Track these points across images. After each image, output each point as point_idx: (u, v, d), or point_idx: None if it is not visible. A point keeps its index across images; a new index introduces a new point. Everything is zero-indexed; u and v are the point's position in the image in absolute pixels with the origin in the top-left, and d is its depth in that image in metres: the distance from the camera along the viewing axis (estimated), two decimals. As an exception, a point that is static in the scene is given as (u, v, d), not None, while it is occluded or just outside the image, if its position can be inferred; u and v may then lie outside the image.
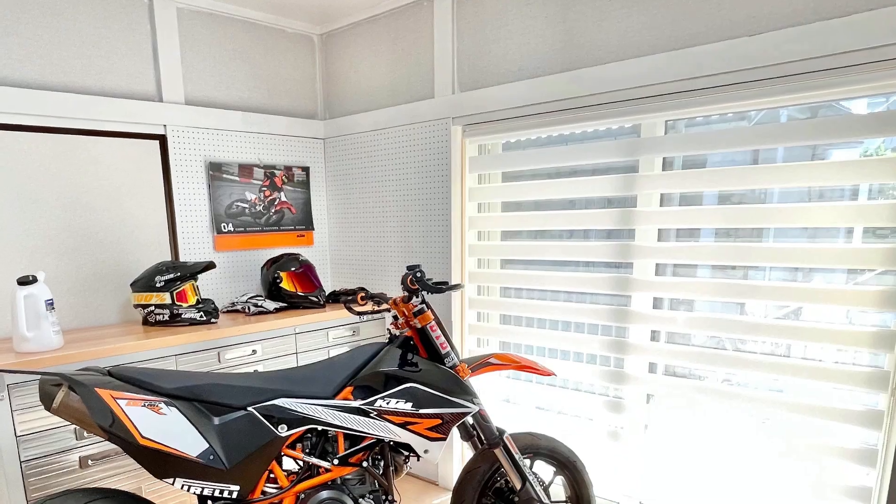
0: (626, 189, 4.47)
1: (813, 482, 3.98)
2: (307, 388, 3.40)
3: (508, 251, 5.21)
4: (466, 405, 3.61)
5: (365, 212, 6.08)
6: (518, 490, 3.90)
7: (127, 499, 3.15)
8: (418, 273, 3.58)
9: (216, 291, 5.67)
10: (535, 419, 5.30)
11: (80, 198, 4.79)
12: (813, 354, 4.01)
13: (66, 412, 3.01)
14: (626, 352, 4.63)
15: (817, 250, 3.78)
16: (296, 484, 3.40)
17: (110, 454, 4.12)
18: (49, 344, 3.99)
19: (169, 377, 3.21)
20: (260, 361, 4.93)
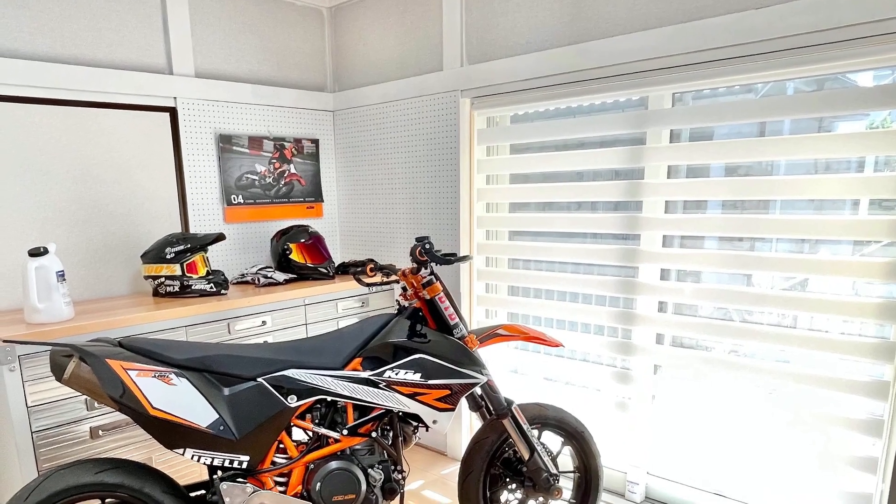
0: (633, 161, 4.44)
1: (819, 452, 3.97)
2: (317, 359, 3.40)
3: (517, 223, 5.18)
4: (475, 376, 3.59)
5: (374, 184, 6.06)
6: (526, 460, 3.89)
7: (137, 469, 3.14)
8: (427, 244, 3.55)
9: (226, 263, 5.66)
10: (542, 390, 5.28)
11: (90, 170, 4.77)
12: (819, 325, 4.00)
13: (77, 383, 3.00)
14: (633, 323, 4.61)
15: (823, 222, 3.76)
16: (305, 454, 3.40)
17: (121, 425, 4.12)
18: (60, 315, 3.99)
19: (179, 348, 3.21)
20: (269, 332, 4.92)
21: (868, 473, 3.82)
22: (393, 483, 3.57)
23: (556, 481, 3.94)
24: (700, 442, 4.49)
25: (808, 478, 4.09)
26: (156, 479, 3.17)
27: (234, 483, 3.24)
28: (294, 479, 3.40)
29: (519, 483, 4.02)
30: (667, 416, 4.62)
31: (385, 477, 3.56)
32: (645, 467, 4.79)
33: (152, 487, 3.13)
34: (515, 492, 4.05)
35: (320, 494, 3.36)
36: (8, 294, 4.46)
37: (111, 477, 3.05)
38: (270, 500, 3.30)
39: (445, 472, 5.45)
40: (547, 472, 3.91)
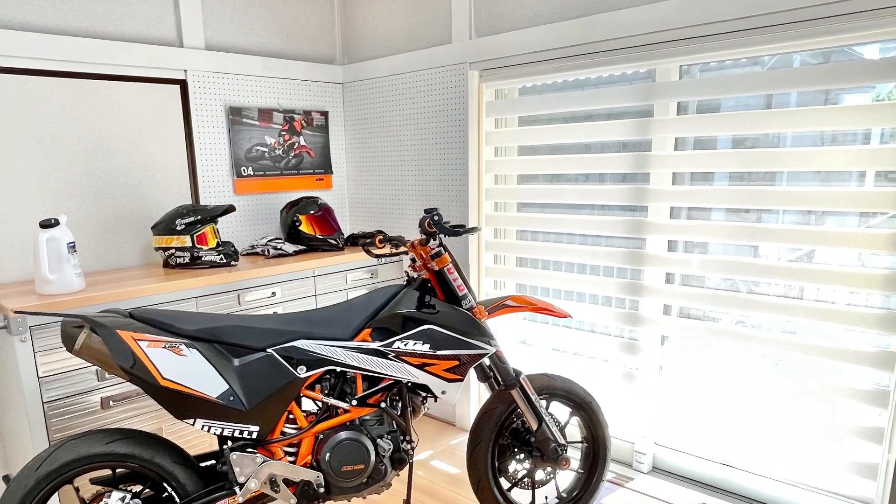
0: (640, 133, 4.43)
1: (826, 422, 3.97)
2: (326, 330, 3.38)
3: (525, 195, 5.17)
4: (483, 347, 3.58)
5: (383, 156, 6.03)
6: (534, 430, 3.89)
7: (148, 439, 3.14)
8: (436, 216, 3.53)
9: (236, 234, 5.64)
10: (550, 361, 5.28)
11: (101, 142, 4.75)
12: (825, 296, 4.00)
13: (88, 353, 2.99)
14: (640, 294, 4.60)
15: (830, 194, 3.74)
16: (315, 425, 3.39)
17: (131, 395, 4.11)
18: (71, 286, 3.97)
19: (189, 319, 3.19)
20: (279, 303, 4.91)
21: (874, 443, 3.81)
22: (402, 453, 3.56)
23: (563, 451, 3.93)
24: (707, 412, 4.48)
25: (814, 448, 4.09)
26: (166, 449, 3.17)
27: (244, 453, 3.23)
28: (303, 450, 3.39)
29: (527, 453, 4.01)
30: (674, 387, 4.61)
31: (394, 447, 3.55)
32: (652, 437, 4.78)
33: (163, 457, 3.13)
34: (524, 462, 4.04)
35: (329, 464, 3.35)
36: (19, 265, 4.44)
37: (122, 447, 3.05)
38: (280, 469, 3.29)
39: (454, 443, 5.45)
40: (555, 443, 3.90)
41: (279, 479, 3.30)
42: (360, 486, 3.49)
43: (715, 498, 4.44)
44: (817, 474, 4.14)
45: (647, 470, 4.81)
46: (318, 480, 3.38)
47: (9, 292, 4.04)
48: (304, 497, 3.38)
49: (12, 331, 3.61)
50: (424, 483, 4.75)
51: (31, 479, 2.91)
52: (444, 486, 4.70)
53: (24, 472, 2.92)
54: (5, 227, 4.37)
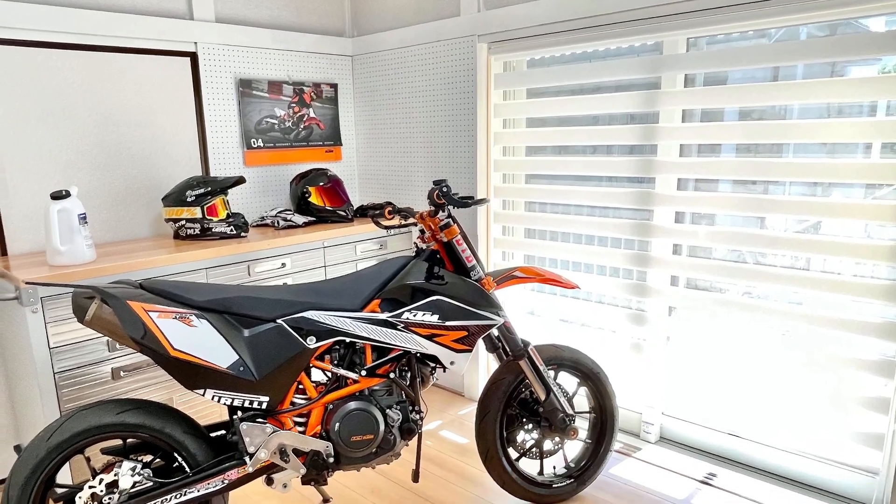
0: (648, 105, 4.40)
1: (832, 392, 3.96)
2: (335, 301, 3.37)
3: (533, 166, 5.14)
4: (492, 317, 3.57)
5: (392, 128, 6.00)
6: (542, 401, 3.89)
7: (158, 409, 3.13)
8: (444, 188, 3.51)
9: (246, 206, 5.62)
10: (558, 331, 5.27)
11: (112, 114, 4.72)
12: (832, 267, 4.00)
13: (99, 324, 2.97)
14: (648, 265, 4.58)
15: (836, 165, 3.73)
16: (324, 395, 3.37)
17: (142, 366, 4.11)
18: (82, 257, 3.95)
19: (199, 290, 3.18)
20: (289, 274, 4.89)
21: (880, 413, 3.81)
22: (411, 423, 3.55)
23: (571, 421, 3.93)
24: (714, 383, 4.48)
25: (820, 418, 4.08)
26: (176, 419, 3.16)
27: (254, 423, 3.22)
28: (313, 420, 3.38)
29: (535, 423, 4.01)
30: (681, 358, 4.60)
31: (403, 417, 3.54)
32: (660, 408, 4.77)
33: (173, 427, 3.12)
34: (532, 432, 4.04)
35: (339, 434, 3.34)
36: (31, 236, 4.43)
37: (132, 417, 3.04)
38: (290, 440, 3.28)
39: (463, 413, 5.44)
40: (563, 413, 3.90)
41: (289, 449, 3.29)
42: (369, 456, 3.48)
43: (722, 468, 4.44)
44: (823, 444, 4.13)
45: (655, 440, 4.81)
46: (327, 450, 3.37)
47: (20, 263, 4.02)
48: (314, 467, 3.38)
49: (24, 302, 3.59)
50: (433, 453, 4.75)
51: (42, 449, 2.91)
52: (453, 456, 4.69)
53: (36, 443, 2.92)
54: (17, 198, 4.35)
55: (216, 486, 3.17)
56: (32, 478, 2.91)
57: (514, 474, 3.98)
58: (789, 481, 4.26)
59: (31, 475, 2.91)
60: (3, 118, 4.26)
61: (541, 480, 4.08)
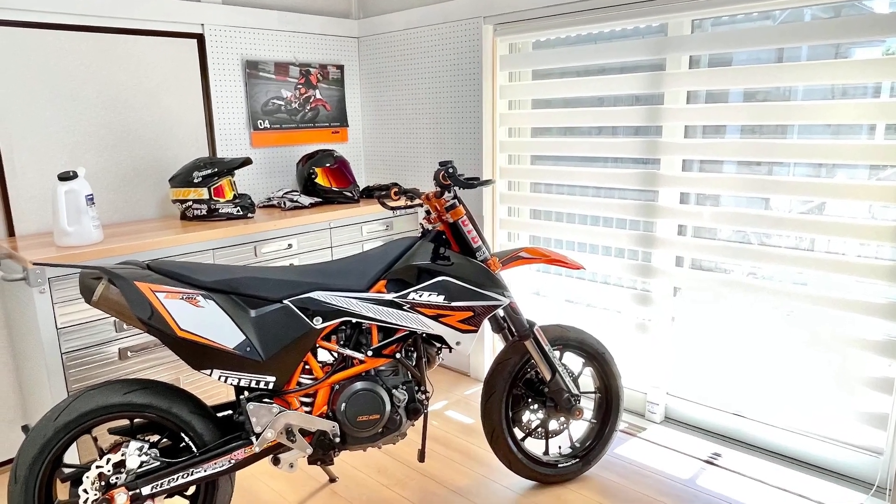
0: (653, 87, 4.38)
1: (836, 373, 3.95)
2: (342, 282, 3.35)
3: (538, 147, 5.12)
4: (497, 298, 3.56)
5: (398, 109, 5.97)
6: (548, 381, 3.87)
7: (165, 389, 3.12)
8: (450, 169, 3.49)
9: (252, 187, 5.61)
10: (564, 312, 5.26)
11: (119, 95, 4.71)
12: (836, 248, 3.97)
13: (106, 305, 2.96)
14: (653, 246, 4.56)
15: (840, 146, 3.71)
16: (330, 375, 3.36)
17: (149, 346, 4.10)
18: (89, 238, 3.94)
19: (206, 271, 3.16)
20: (295, 255, 4.88)
21: (884, 393, 3.79)
22: (417, 403, 3.54)
23: (577, 401, 3.92)
24: (719, 363, 4.46)
25: (824, 398, 4.07)
26: (183, 399, 3.15)
27: (261, 403, 3.21)
28: (319, 400, 3.37)
29: (541, 403, 4.00)
30: (686, 338, 4.59)
31: (409, 397, 3.53)
32: (665, 388, 4.76)
33: (180, 407, 3.12)
34: (537, 412, 4.03)
35: (345, 414, 3.34)
36: (38, 217, 4.42)
37: (139, 397, 3.04)
38: (296, 419, 3.27)
39: (468, 393, 5.44)
40: (568, 393, 3.89)
41: (295, 428, 3.29)
42: (375, 436, 3.48)
43: (727, 447, 4.43)
44: (828, 424, 4.12)
45: (660, 420, 4.80)
46: (333, 430, 3.36)
47: (28, 244, 4.01)
48: (320, 447, 3.37)
49: (31, 282, 3.59)
50: (439, 433, 4.75)
51: (49, 429, 2.90)
52: (459, 436, 4.69)
53: (43, 422, 2.92)
54: (24, 179, 4.33)
55: (223, 466, 3.17)
56: (40, 458, 2.91)
57: (519, 454, 3.98)
58: (794, 461, 4.24)
59: (39, 455, 2.90)
60: (11, 100, 4.24)
61: (546, 460, 4.07)
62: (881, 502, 3.81)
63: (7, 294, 4.20)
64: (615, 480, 4.13)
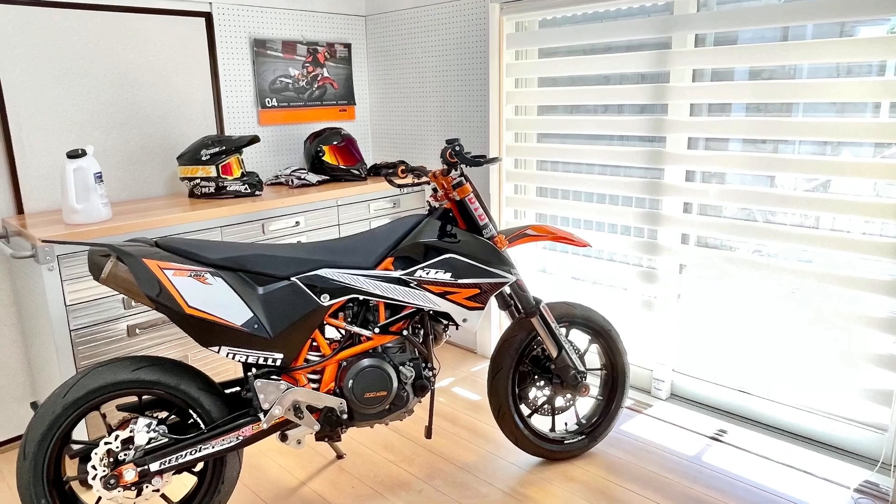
0: (659, 65, 4.35)
1: (841, 350, 3.93)
2: (349, 259, 3.34)
3: (545, 125, 5.09)
4: (504, 275, 3.54)
5: (405, 87, 5.94)
6: (554, 358, 3.86)
7: (173, 366, 3.11)
8: (457, 146, 3.46)
9: (260, 165, 5.59)
10: (570, 289, 5.24)
11: (127, 73, 4.68)
12: (841, 226, 3.95)
13: (115, 282, 2.96)
14: (659, 223, 4.54)
15: (845, 124, 3.69)
16: (338, 352, 3.35)
17: (157, 323, 4.08)
18: (98, 216, 3.93)
19: (214, 248, 3.15)
20: (303, 233, 4.86)
21: (889, 370, 3.77)
22: (424, 380, 3.53)
23: (583, 378, 3.91)
24: (725, 340, 4.45)
25: (829, 374, 4.05)
26: (191, 376, 3.14)
27: (269, 380, 3.20)
28: (327, 377, 3.36)
29: (547, 380, 3.99)
30: (692, 315, 4.57)
31: (416, 374, 3.52)
32: (671, 365, 4.75)
33: (188, 384, 3.11)
34: (543, 388, 4.02)
35: (352, 391, 3.33)
36: (47, 195, 4.40)
37: (148, 374, 3.03)
38: (304, 396, 3.26)
39: (475, 370, 5.43)
40: (574, 370, 3.88)
41: (303, 405, 3.28)
42: (382, 412, 3.47)
43: (732, 424, 4.42)
44: (833, 401, 4.11)
45: (666, 397, 4.79)
46: (341, 407, 3.36)
47: (36, 222, 4.00)
48: (328, 423, 3.36)
49: (40, 260, 3.57)
50: (446, 409, 4.74)
51: (58, 406, 2.90)
52: (466, 413, 4.68)
53: (52, 399, 2.91)
54: (33, 157, 4.31)
55: (231, 443, 3.16)
56: (49, 434, 2.91)
57: (525, 431, 3.97)
58: (799, 437, 4.23)
59: (48, 432, 2.90)
60: (21, 78, 4.21)
61: (552, 437, 4.07)
62: (886, 478, 3.80)
63: (16, 271, 4.19)
64: (621, 457, 4.12)
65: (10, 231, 4.07)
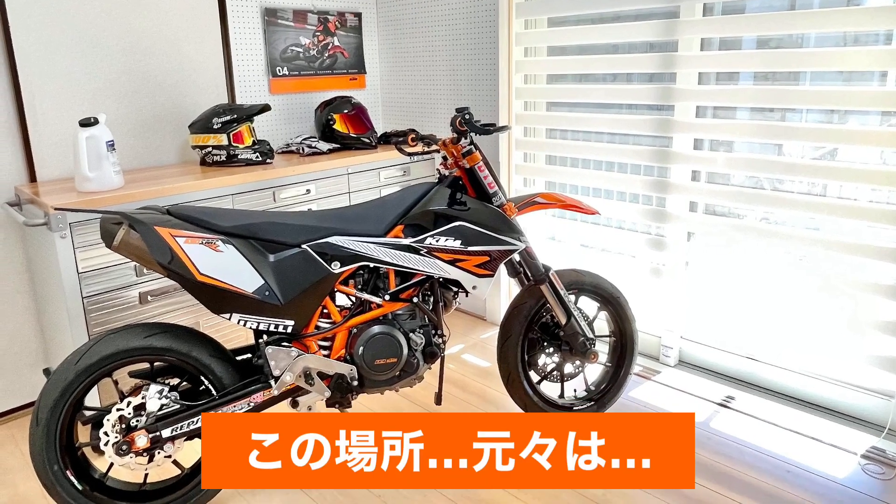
0: (667, 34, 4.31)
1: (848, 317, 3.92)
2: (359, 227, 3.31)
3: (554, 94, 5.05)
4: (513, 243, 3.51)
5: (415, 56, 5.89)
6: (563, 325, 3.83)
7: (185, 333, 3.11)
8: (467, 115, 3.43)
9: (271, 133, 5.56)
10: (579, 256, 5.22)
11: (139, 42, 4.64)
12: (848, 193, 3.93)
13: (127, 249, 2.94)
14: (667, 191, 4.51)
15: (852, 93, 3.66)
16: (348, 319, 3.34)
17: (169, 290, 4.07)
18: (110, 184, 3.90)
19: (226, 216, 3.13)
20: (314, 201, 4.83)
21: (895, 337, 3.75)
22: (433, 347, 3.52)
23: (592, 345, 3.88)
24: (733, 307, 4.43)
25: (836, 341, 4.04)
26: (203, 343, 3.13)
27: (280, 347, 3.20)
28: (337, 344, 3.35)
29: (556, 347, 3.97)
30: (700, 282, 4.56)
31: (426, 341, 3.51)
32: (679, 332, 4.73)
33: (200, 351, 3.10)
34: (553, 355, 3.99)
35: (363, 358, 3.31)
36: (60, 163, 4.37)
37: (160, 341, 3.02)
38: (314, 363, 3.25)
39: (485, 337, 5.42)
40: (583, 337, 3.85)
41: (313, 372, 3.27)
42: (392, 379, 3.46)
43: (740, 390, 4.40)
44: (840, 367, 4.09)
45: (674, 363, 4.77)
46: (351, 373, 3.35)
47: (49, 189, 3.97)
48: (338, 390, 3.36)
49: (53, 227, 3.55)
50: (456, 376, 4.73)
51: (70, 373, 2.89)
52: (475, 380, 4.67)
53: (64, 366, 2.90)
54: (46, 126, 4.28)
55: (242, 409, 3.16)
56: (61, 401, 2.90)
57: (535, 397, 3.95)
58: (806, 404, 4.21)
59: (60, 398, 2.90)
60: (33, 46, 4.17)
61: (561, 403, 4.05)
62: (893, 444, 3.79)
63: (29, 239, 4.16)
64: (629, 422, 4.11)
65: (22, 199, 4.06)
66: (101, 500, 3.10)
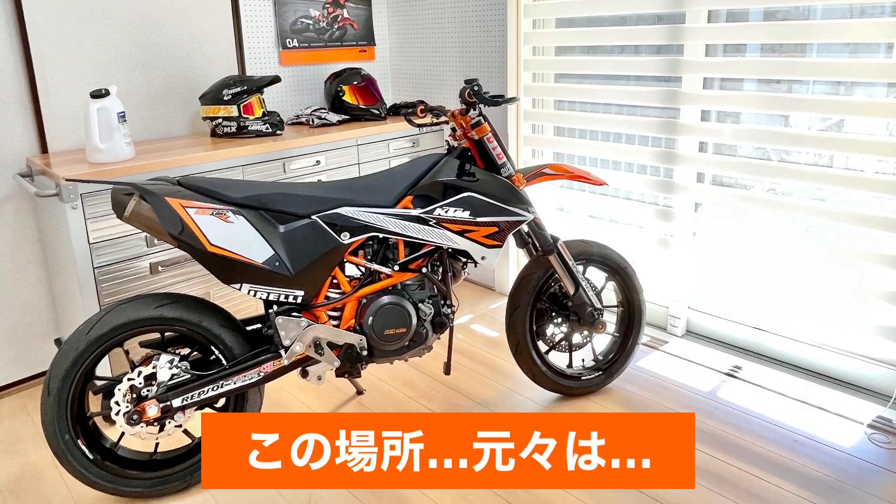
0: (675, 6, 4.27)
1: (855, 287, 3.90)
2: (369, 197, 3.29)
3: (562, 66, 5.02)
4: (522, 213, 3.49)
5: (424, 28, 5.84)
6: (571, 295, 3.81)
7: (196, 303, 3.10)
8: (475, 86, 3.39)
9: (281, 104, 5.52)
10: (587, 227, 5.20)
11: (150, 14, 4.60)
12: (854, 165, 3.91)
13: (137, 220, 2.94)
14: (674, 162, 4.47)
15: (859, 65, 3.62)
16: (358, 289, 3.33)
17: (179, 261, 4.05)
18: (121, 155, 3.88)
19: (236, 187, 3.12)
20: (323, 172, 4.81)
21: (902, 309, 3.74)
22: (442, 317, 3.51)
23: (600, 315, 3.86)
24: (740, 277, 4.41)
25: (843, 311, 4.02)
26: (213, 313, 3.13)
27: (290, 317, 3.19)
28: (347, 314, 3.34)
29: (564, 317, 3.95)
30: (707, 253, 4.53)
31: (435, 311, 3.49)
32: (686, 302, 4.70)
33: (210, 321, 3.09)
34: (561, 325, 3.98)
35: (372, 328, 3.30)
36: (71, 135, 4.35)
37: (170, 311, 3.01)
38: (324, 333, 3.24)
39: (493, 307, 5.40)
40: (591, 307, 3.83)
41: (323, 342, 3.26)
42: (401, 349, 3.45)
43: (747, 360, 4.39)
44: (846, 337, 4.06)
45: (681, 333, 4.75)
46: (360, 343, 3.34)
47: (61, 161, 3.95)
48: (348, 360, 3.35)
49: (64, 198, 3.53)
50: (464, 346, 4.71)
51: (81, 343, 2.89)
52: (484, 350, 4.66)
53: (76, 336, 2.90)
54: (57, 97, 4.26)
55: (252, 379, 3.15)
56: (72, 370, 2.91)
57: (543, 367, 3.94)
58: (813, 373, 4.19)
59: (72, 368, 2.90)
60: (45, 18, 4.14)
61: (570, 373, 4.03)
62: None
63: (40, 210, 4.14)
64: (637, 393, 4.09)
65: (34, 170, 4.03)
66: (112, 468, 3.11)
